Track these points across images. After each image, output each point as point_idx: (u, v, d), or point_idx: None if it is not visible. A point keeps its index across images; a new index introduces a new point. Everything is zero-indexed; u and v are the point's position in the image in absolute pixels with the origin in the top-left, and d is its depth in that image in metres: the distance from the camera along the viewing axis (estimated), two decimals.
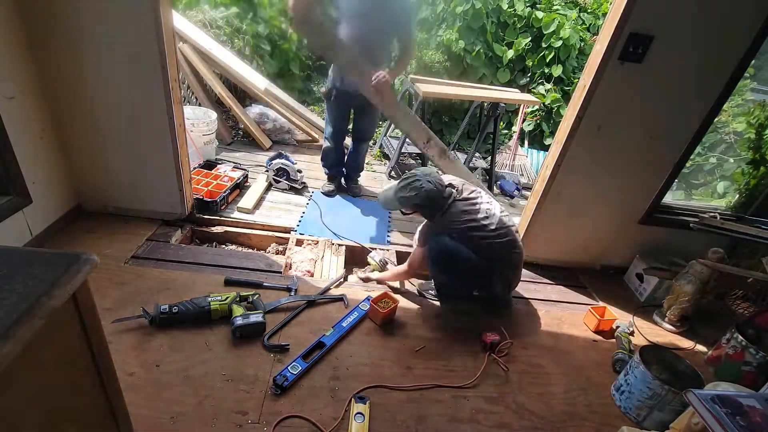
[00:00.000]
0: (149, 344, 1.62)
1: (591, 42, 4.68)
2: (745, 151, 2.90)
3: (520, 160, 4.39)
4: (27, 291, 0.61)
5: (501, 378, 1.80)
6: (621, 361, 1.93)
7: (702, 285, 2.16)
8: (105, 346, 0.83)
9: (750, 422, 1.19)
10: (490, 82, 4.67)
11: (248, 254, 2.39)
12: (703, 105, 2.11)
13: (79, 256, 0.69)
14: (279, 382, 1.53)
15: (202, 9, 4.11)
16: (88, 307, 0.75)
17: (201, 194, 2.57)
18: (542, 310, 2.27)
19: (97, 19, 1.82)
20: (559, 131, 2.26)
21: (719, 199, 3.30)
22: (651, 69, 1.98)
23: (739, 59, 1.98)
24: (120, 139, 2.14)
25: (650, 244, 2.59)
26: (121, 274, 1.95)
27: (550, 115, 4.67)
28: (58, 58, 1.90)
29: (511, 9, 4.62)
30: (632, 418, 1.72)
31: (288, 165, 3.10)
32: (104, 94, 2.01)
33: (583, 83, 2.08)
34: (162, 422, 1.37)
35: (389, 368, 1.73)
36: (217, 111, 3.55)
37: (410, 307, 2.10)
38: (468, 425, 1.57)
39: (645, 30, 1.88)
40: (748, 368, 1.90)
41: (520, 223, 2.59)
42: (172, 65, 1.98)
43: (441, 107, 4.70)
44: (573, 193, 2.37)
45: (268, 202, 2.93)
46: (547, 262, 2.67)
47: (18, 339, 0.55)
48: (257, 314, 1.75)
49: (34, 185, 1.95)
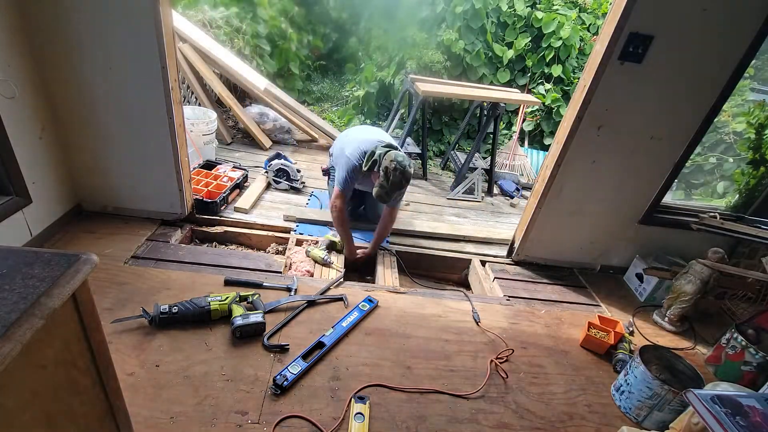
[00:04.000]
0: (149, 344, 1.62)
1: (591, 42, 4.68)
2: (744, 151, 2.90)
3: (520, 160, 4.39)
4: (27, 291, 0.61)
5: (501, 378, 1.80)
6: (621, 361, 1.94)
7: (702, 285, 2.16)
8: (105, 346, 0.83)
9: (750, 422, 1.19)
10: (490, 82, 4.67)
11: (248, 254, 2.39)
12: (703, 105, 2.11)
13: (79, 256, 0.69)
14: (279, 382, 1.53)
15: (202, 9, 4.11)
16: (88, 307, 0.75)
17: (201, 194, 2.57)
18: (542, 310, 2.27)
19: (97, 19, 1.82)
20: (559, 131, 2.26)
21: (719, 199, 3.30)
22: (651, 69, 1.98)
23: (739, 59, 1.98)
24: (120, 139, 2.14)
25: (650, 244, 2.59)
26: (121, 274, 1.95)
27: (550, 115, 4.67)
28: (58, 58, 1.90)
29: (511, 9, 4.62)
30: (632, 418, 1.72)
31: (287, 165, 3.11)
32: (104, 94, 2.01)
33: (583, 83, 2.08)
34: (162, 422, 1.37)
35: (389, 368, 1.73)
36: (217, 111, 3.55)
37: (410, 306, 2.10)
38: (468, 425, 1.57)
39: (645, 30, 1.88)
40: (748, 368, 1.90)
41: (520, 223, 2.59)
42: (172, 65, 1.98)
43: (441, 107, 4.70)
44: (573, 193, 2.37)
45: (268, 202, 2.93)
46: (547, 262, 2.67)
47: (18, 339, 0.55)
48: (257, 314, 1.75)
49: (34, 185, 1.95)
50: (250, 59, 4.25)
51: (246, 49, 4.23)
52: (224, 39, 4.07)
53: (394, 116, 4.00)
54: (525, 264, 2.67)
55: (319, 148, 4.07)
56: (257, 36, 4.34)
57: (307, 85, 5.33)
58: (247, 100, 4.11)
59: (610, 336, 2.02)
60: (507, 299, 2.32)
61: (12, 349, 0.54)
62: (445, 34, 4.44)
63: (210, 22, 4.06)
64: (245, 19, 4.30)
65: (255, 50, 4.36)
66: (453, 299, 2.22)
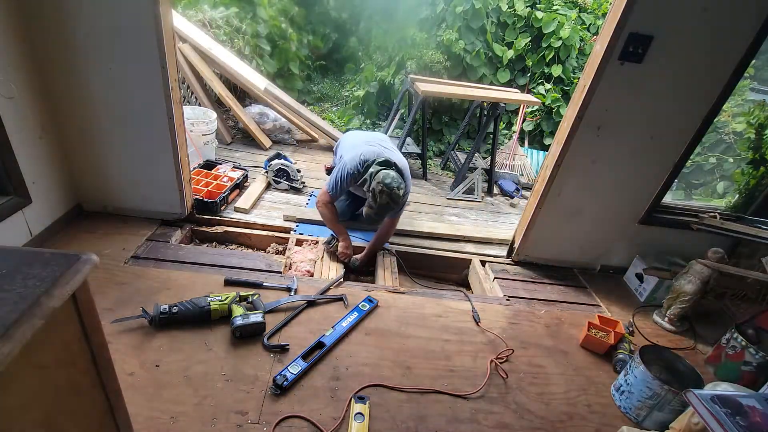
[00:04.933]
0: (149, 344, 1.62)
1: (591, 42, 4.68)
2: (744, 151, 2.90)
3: (520, 160, 4.39)
4: (27, 291, 0.61)
5: (501, 378, 1.80)
6: (621, 361, 1.93)
7: (702, 285, 2.16)
8: (105, 346, 0.82)
9: (750, 422, 1.19)
10: (490, 82, 4.67)
11: (248, 254, 2.39)
12: (703, 105, 2.11)
13: (79, 256, 0.69)
14: (279, 382, 1.53)
15: (202, 9, 4.11)
16: (88, 307, 0.75)
17: (201, 194, 2.57)
18: (542, 310, 2.27)
19: (97, 19, 1.82)
20: (559, 131, 2.26)
21: (719, 199, 3.30)
22: (651, 69, 1.98)
23: (739, 59, 1.98)
24: (120, 139, 2.13)
25: (650, 244, 2.59)
26: (121, 274, 1.95)
27: (550, 115, 4.67)
28: (57, 58, 1.89)
29: (511, 9, 4.62)
30: (632, 418, 1.72)
31: (287, 165, 3.11)
32: (104, 94, 2.00)
33: (583, 83, 2.08)
34: (162, 422, 1.37)
35: (389, 368, 1.73)
36: (217, 111, 3.55)
37: (410, 306, 2.10)
38: (468, 425, 1.57)
39: (645, 30, 1.88)
40: (748, 368, 1.90)
41: (520, 223, 2.59)
42: (172, 65, 1.98)
43: (441, 107, 4.70)
44: (573, 193, 2.37)
45: (268, 202, 2.93)
46: (547, 262, 2.67)
47: (18, 339, 0.55)
48: (257, 314, 1.75)
49: (34, 185, 1.95)
50: (250, 59, 4.24)
51: (246, 49, 4.23)
52: (224, 39, 4.07)
53: (394, 116, 4.00)
54: (525, 264, 2.67)
55: (319, 148, 4.07)
56: (257, 36, 4.34)
57: (307, 85, 5.33)
58: (247, 100, 4.10)
59: (610, 336, 2.02)
60: (507, 299, 2.32)
61: (12, 349, 0.54)
62: (445, 34, 4.44)
63: (210, 22, 4.06)
64: (245, 19, 4.30)
65: (255, 50, 4.36)
66: (453, 299, 2.22)
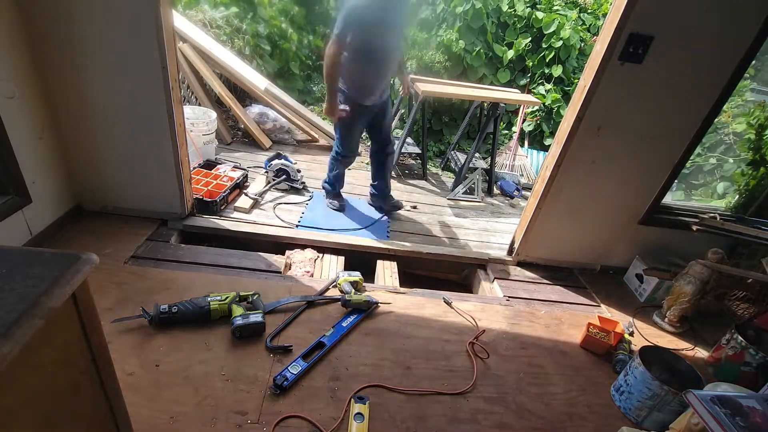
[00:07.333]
0: (149, 344, 1.62)
1: (591, 42, 4.68)
2: (744, 151, 2.90)
3: (520, 160, 4.39)
4: (27, 291, 0.61)
5: (501, 378, 1.80)
6: (621, 361, 1.93)
7: (702, 285, 2.16)
8: (105, 346, 0.83)
9: (750, 423, 1.19)
10: (490, 82, 4.67)
11: (248, 254, 2.39)
12: (703, 105, 2.11)
13: (78, 256, 0.69)
14: (279, 382, 1.53)
15: (202, 9, 4.11)
16: (87, 307, 0.75)
17: (201, 194, 2.57)
18: (542, 310, 2.27)
19: (97, 19, 1.82)
20: (559, 131, 2.26)
21: (719, 199, 3.30)
22: (651, 69, 1.98)
23: (739, 59, 1.98)
24: (120, 138, 2.13)
25: (650, 244, 2.59)
26: (120, 274, 1.95)
27: (550, 115, 4.67)
28: (58, 58, 1.89)
29: (511, 9, 4.62)
30: (632, 418, 1.72)
31: (287, 165, 3.11)
32: (104, 94, 2.00)
33: (583, 83, 2.08)
34: (162, 422, 1.36)
35: (389, 368, 1.73)
36: (217, 111, 3.55)
37: (410, 306, 2.10)
38: (468, 425, 1.57)
39: (645, 30, 1.88)
40: (748, 369, 1.90)
41: (520, 223, 2.59)
42: (172, 65, 1.98)
43: (441, 107, 4.70)
44: (573, 193, 2.37)
45: (268, 202, 2.92)
46: (547, 262, 2.67)
47: (18, 339, 0.55)
48: (257, 314, 1.75)
49: (34, 185, 1.95)
50: (250, 59, 4.24)
51: (246, 49, 4.23)
52: (224, 39, 4.06)
53: (394, 116, 4.00)
54: (525, 264, 2.67)
55: (320, 148, 4.07)
56: (257, 36, 4.34)
57: (307, 85, 5.32)
58: (248, 100, 4.10)
59: (609, 336, 2.02)
60: (507, 300, 2.32)
61: (12, 349, 0.54)
62: (446, 35, 4.44)
63: (210, 22, 4.06)
64: (245, 19, 4.30)
65: (255, 50, 4.35)
66: (453, 299, 2.22)
